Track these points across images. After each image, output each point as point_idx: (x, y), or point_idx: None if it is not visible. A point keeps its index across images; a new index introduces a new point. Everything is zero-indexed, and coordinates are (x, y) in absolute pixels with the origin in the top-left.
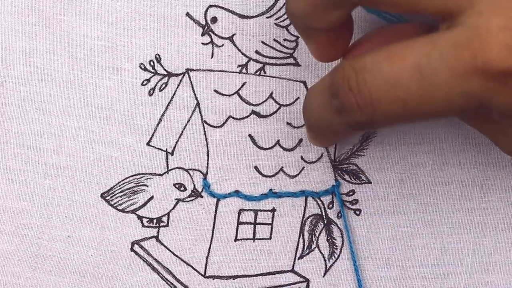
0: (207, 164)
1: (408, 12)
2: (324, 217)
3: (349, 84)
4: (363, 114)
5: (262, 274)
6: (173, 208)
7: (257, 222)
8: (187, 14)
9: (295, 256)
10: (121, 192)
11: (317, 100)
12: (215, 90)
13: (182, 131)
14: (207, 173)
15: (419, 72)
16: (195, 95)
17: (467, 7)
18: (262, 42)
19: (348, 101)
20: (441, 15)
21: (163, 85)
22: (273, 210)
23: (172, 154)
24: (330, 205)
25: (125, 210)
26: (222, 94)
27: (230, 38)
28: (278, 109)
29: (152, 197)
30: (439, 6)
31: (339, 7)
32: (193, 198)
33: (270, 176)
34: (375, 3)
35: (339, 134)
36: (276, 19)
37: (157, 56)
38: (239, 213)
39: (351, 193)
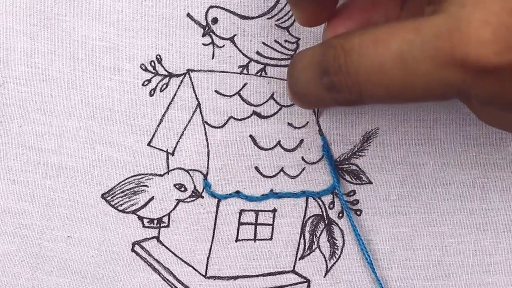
0: (208, 164)
1: None
2: (325, 217)
3: (339, 63)
4: (351, 93)
5: (263, 275)
6: (173, 209)
7: (258, 222)
8: (188, 14)
9: (296, 256)
10: (121, 192)
11: (307, 74)
12: (216, 91)
13: (183, 132)
14: (207, 173)
15: (402, 60)
16: (196, 95)
17: None
18: (263, 43)
19: (338, 80)
20: None
21: (164, 86)
22: (274, 211)
23: (172, 154)
24: (331, 206)
25: (126, 210)
26: (223, 95)
27: (231, 39)
28: (279, 109)
29: (152, 198)
30: None
31: None
32: (193, 198)
33: (271, 177)
34: None
35: (326, 106)
36: (277, 20)
37: (158, 56)
38: (240, 214)
39: (352, 194)
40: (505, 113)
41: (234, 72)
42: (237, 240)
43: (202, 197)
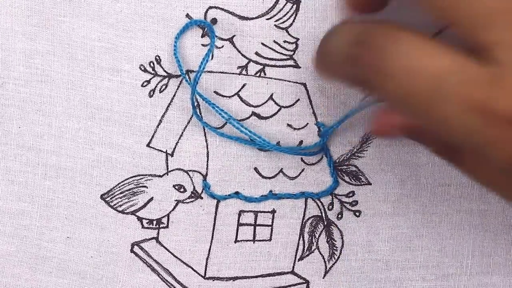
0: (207, 165)
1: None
2: (324, 218)
3: (375, 43)
4: (372, 77)
5: (262, 276)
6: (173, 209)
7: (257, 223)
8: (187, 15)
9: (295, 257)
10: (121, 193)
11: (344, 34)
12: (215, 92)
13: (182, 133)
14: (207, 174)
15: (437, 83)
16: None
17: (498, 45)
18: (262, 43)
19: (365, 60)
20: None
21: (163, 87)
22: (273, 212)
23: (172, 155)
24: (330, 207)
25: (125, 211)
26: (222, 96)
27: (230, 40)
28: (279, 110)
29: (152, 198)
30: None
31: None
32: (193, 199)
33: (270, 178)
34: None
35: (343, 76)
36: (276, 21)
37: (157, 57)
38: (239, 215)
39: (351, 195)
40: None
41: (233, 73)
42: (236, 241)
43: (201, 198)
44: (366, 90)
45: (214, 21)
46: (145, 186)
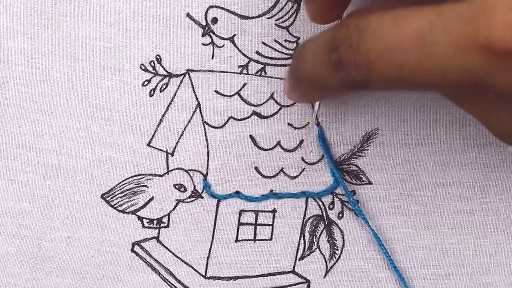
0: (208, 164)
1: None
2: (325, 218)
3: (350, 41)
4: (358, 72)
5: (262, 275)
6: (173, 209)
7: (257, 223)
8: (188, 14)
9: (296, 257)
10: (121, 193)
11: (314, 53)
12: (215, 91)
13: (183, 132)
14: (207, 173)
15: (421, 40)
16: (195, 95)
17: None
18: (263, 42)
19: (346, 57)
20: None
21: (164, 86)
22: (274, 211)
23: (172, 154)
24: (331, 206)
25: (126, 211)
26: (223, 95)
27: (231, 39)
28: (279, 110)
29: (152, 198)
30: None
31: None
32: (193, 198)
33: (270, 177)
34: None
35: (329, 91)
36: (276, 20)
37: (157, 56)
38: (240, 214)
39: (351, 194)
40: None
41: (233, 72)
42: (237, 240)
43: (202, 197)
44: (357, 89)
45: (215, 20)
46: (145, 186)
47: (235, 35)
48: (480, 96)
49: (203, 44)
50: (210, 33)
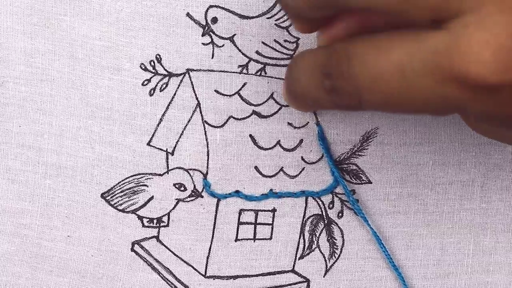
0: (208, 164)
1: (399, 17)
2: (325, 217)
3: (341, 69)
4: (351, 98)
5: (262, 274)
6: (173, 208)
7: (257, 222)
8: (188, 14)
9: (296, 256)
10: (121, 192)
11: (307, 76)
12: (215, 90)
13: (183, 131)
14: (207, 173)
15: (401, 72)
16: (195, 95)
17: (455, 16)
18: (263, 42)
19: (339, 85)
20: (431, 19)
21: (164, 85)
22: (274, 210)
23: (172, 154)
24: (331, 205)
25: (126, 210)
26: (223, 94)
27: (231, 39)
28: (279, 109)
29: (152, 197)
30: (430, 14)
31: (330, 9)
32: (193, 198)
33: (270, 176)
34: (366, 8)
35: (323, 108)
36: (276, 20)
37: (157, 56)
38: (240, 213)
39: (351, 193)
40: (501, 129)
41: (233, 72)
42: (236, 239)
43: (202, 196)
44: (351, 110)
45: (215, 20)
46: (145, 185)
47: (235, 34)
48: (465, 116)
49: (203, 44)
50: (210, 33)
